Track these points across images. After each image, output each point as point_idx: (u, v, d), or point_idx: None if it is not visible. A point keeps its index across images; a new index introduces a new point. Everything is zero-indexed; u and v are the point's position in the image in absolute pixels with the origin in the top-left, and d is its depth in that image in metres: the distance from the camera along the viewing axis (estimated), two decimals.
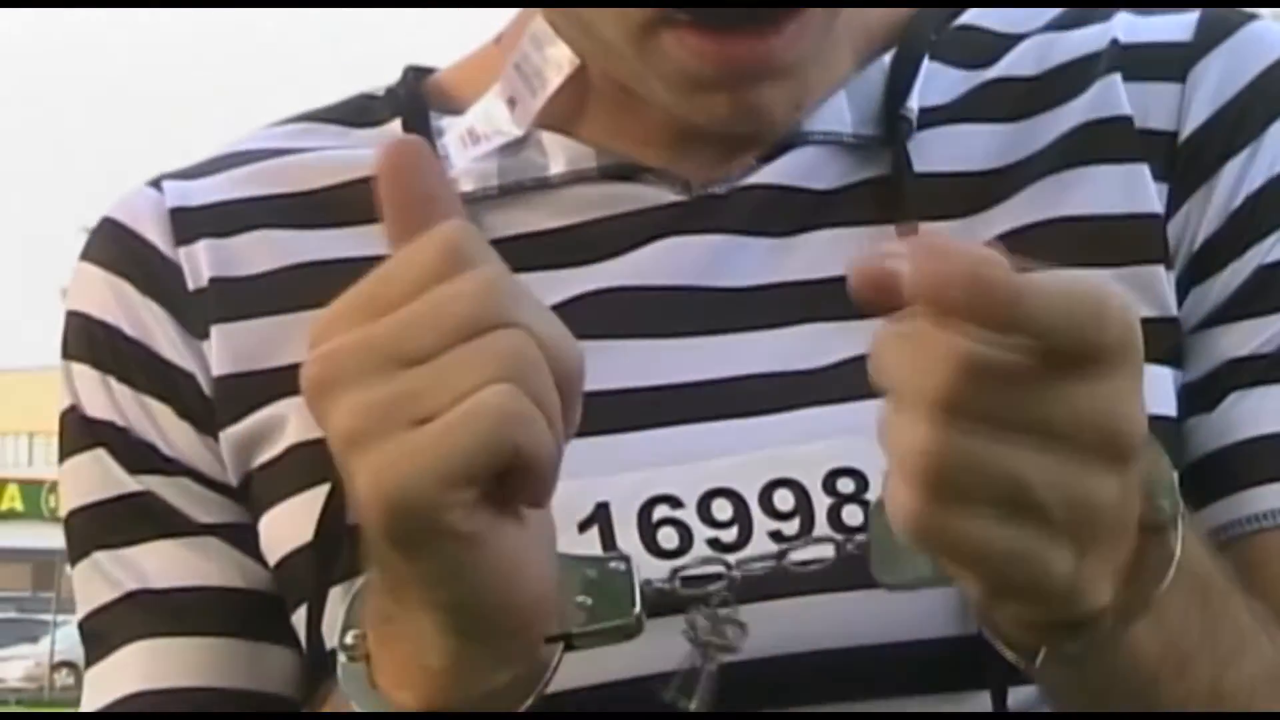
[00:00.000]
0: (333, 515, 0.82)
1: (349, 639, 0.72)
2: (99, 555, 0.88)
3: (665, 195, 0.85)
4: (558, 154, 0.86)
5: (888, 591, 0.71)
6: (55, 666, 26.71)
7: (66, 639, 25.53)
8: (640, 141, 0.86)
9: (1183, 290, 0.82)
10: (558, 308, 0.80)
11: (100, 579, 0.88)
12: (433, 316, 0.64)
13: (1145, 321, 0.64)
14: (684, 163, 0.85)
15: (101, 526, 0.88)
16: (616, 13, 0.79)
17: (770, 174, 0.85)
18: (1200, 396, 0.82)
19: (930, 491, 0.61)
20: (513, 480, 0.64)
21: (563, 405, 0.64)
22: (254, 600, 0.86)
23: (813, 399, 0.80)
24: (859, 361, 0.78)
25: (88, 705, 0.88)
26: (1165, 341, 0.80)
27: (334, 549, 0.82)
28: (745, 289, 0.83)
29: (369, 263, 0.79)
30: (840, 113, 0.85)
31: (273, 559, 0.85)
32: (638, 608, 0.71)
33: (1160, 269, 0.82)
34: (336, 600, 0.82)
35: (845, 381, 0.80)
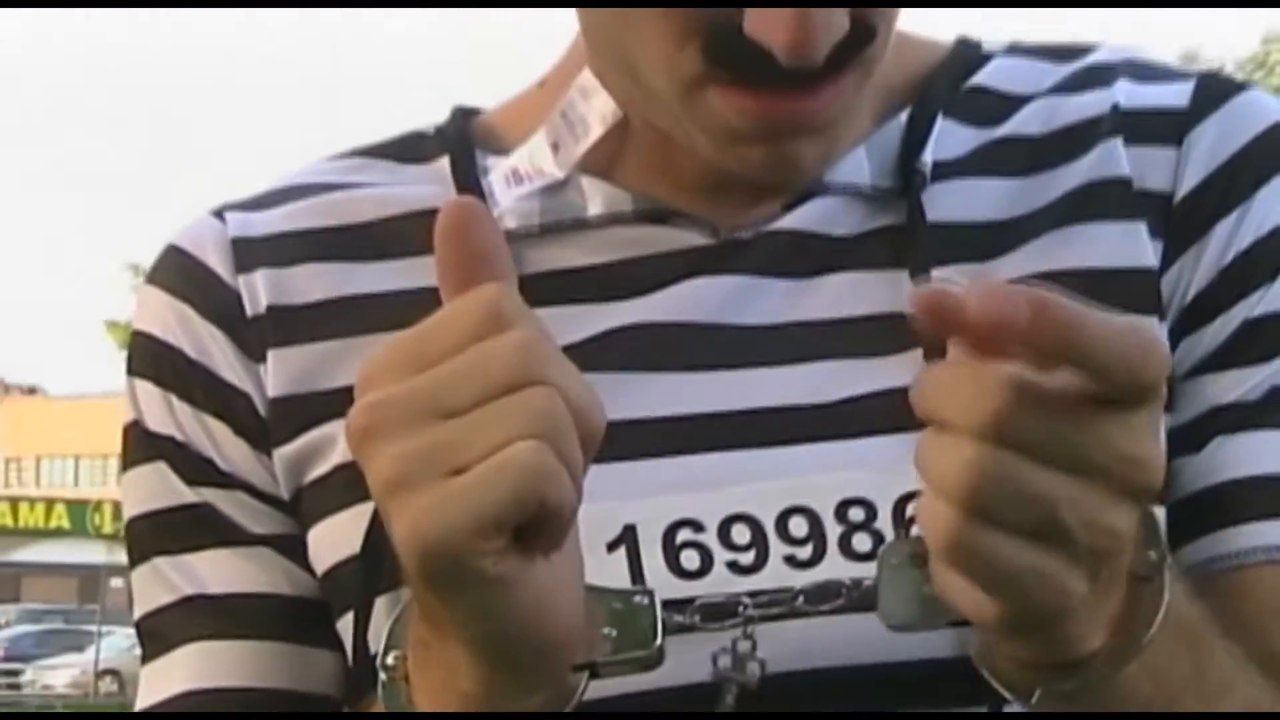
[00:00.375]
0: (378, 529, 0.81)
1: (390, 660, 0.74)
2: (159, 560, 0.90)
3: (694, 238, 0.87)
4: (596, 196, 0.88)
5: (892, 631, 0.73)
6: (100, 674, 26.68)
7: (110, 648, 25.70)
8: (673, 186, 0.88)
9: (1174, 340, 0.83)
10: (591, 340, 0.83)
11: (159, 583, 0.90)
12: (471, 373, 0.66)
13: None
14: (713, 207, 0.87)
15: (161, 534, 0.90)
16: (666, 68, 0.81)
17: (793, 220, 0.87)
18: (1187, 439, 0.83)
19: (966, 511, 0.64)
20: (534, 527, 0.66)
21: (583, 458, 0.67)
22: (301, 606, 0.88)
23: (827, 432, 0.82)
24: (872, 398, 0.81)
25: (143, 699, 0.90)
26: None
27: (380, 560, 0.83)
28: (766, 327, 0.85)
29: (416, 295, 0.83)
30: (860, 165, 0.87)
31: (320, 569, 0.87)
32: (659, 640, 0.73)
33: (1154, 320, 0.83)
34: (381, 608, 0.84)
35: (858, 416, 0.82)
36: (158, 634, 0.90)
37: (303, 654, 0.88)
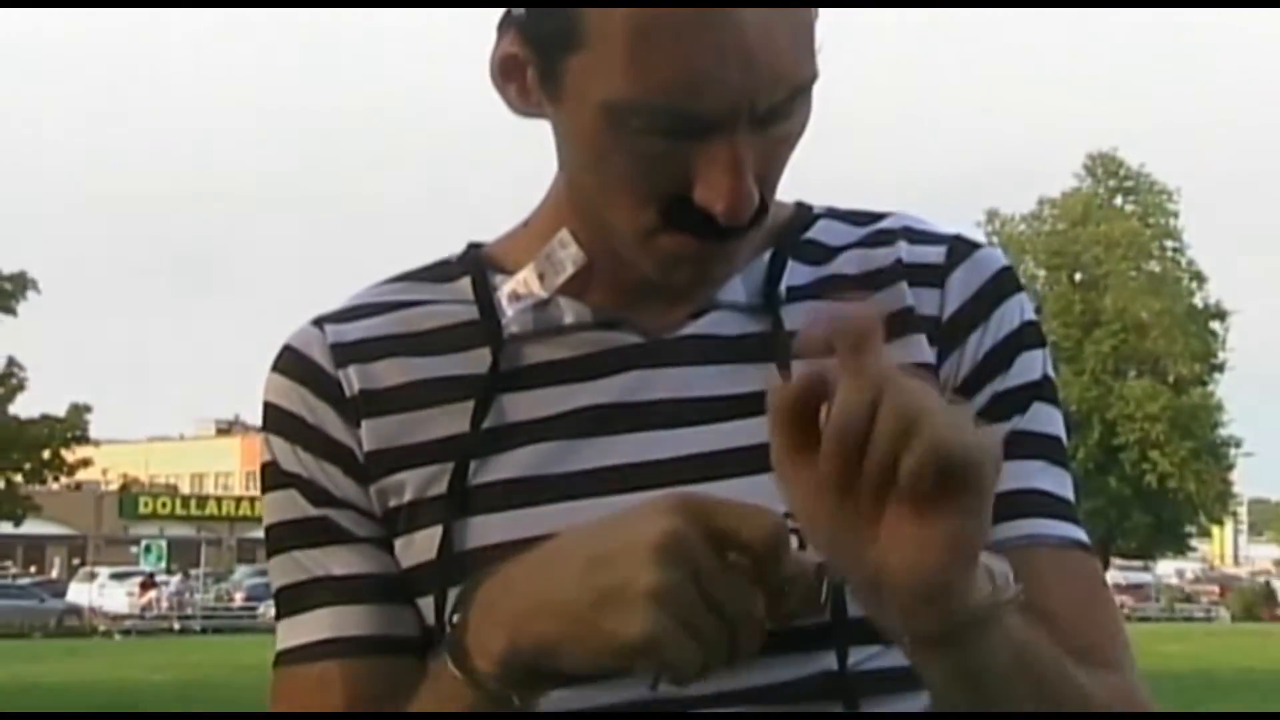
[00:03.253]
0: (447, 544, 1.09)
1: (455, 619, 0.97)
2: (294, 553, 1.14)
3: (632, 338, 1.13)
4: (569, 310, 1.14)
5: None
6: None
7: None
8: (616, 300, 1.13)
9: None
10: (567, 413, 1.12)
11: (295, 566, 1.13)
12: (731, 599, 0.90)
13: None
14: (643, 316, 1.13)
15: (294, 535, 1.14)
16: (630, 221, 1.06)
17: (697, 327, 1.13)
18: None
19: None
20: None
21: None
22: (396, 580, 1.12)
23: (739, 471, 1.07)
24: (754, 448, 1.06)
25: (286, 641, 1.13)
26: None
27: (450, 565, 1.08)
28: (683, 400, 1.11)
29: (456, 379, 1.12)
30: (737, 289, 1.13)
31: (403, 565, 1.11)
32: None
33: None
34: (452, 595, 1.05)
35: (747, 461, 1.06)
36: (294, 599, 1.13)
37: (398, 610, 1.12)
